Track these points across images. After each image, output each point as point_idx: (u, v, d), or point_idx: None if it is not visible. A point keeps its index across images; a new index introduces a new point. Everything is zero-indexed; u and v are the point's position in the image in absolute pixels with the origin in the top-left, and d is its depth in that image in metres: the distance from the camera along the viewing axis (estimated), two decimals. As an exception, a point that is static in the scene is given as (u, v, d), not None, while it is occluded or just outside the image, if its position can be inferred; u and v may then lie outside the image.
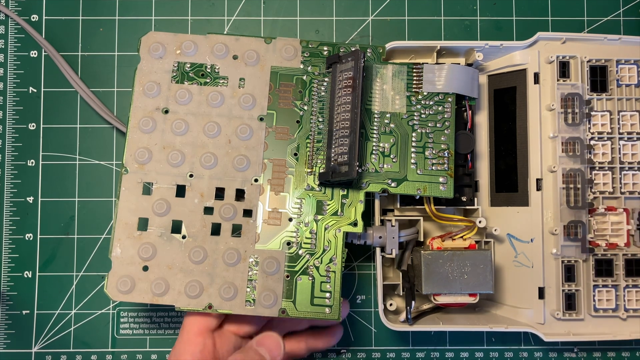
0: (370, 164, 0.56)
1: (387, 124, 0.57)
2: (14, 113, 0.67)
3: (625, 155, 0.58)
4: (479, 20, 0.68)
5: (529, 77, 0.60)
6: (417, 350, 0.66)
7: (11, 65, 0.67)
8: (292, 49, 0.58)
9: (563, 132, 0.58)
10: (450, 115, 0.57)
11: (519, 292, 0.60)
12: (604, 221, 0.58)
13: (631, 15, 0.68)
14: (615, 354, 0.66)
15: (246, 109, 0.57)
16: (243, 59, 0.57)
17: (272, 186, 0.56)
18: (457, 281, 0.56)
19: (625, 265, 0.58)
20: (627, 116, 0.59)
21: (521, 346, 0.66)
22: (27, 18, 0.68)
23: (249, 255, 0.55)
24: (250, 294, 0.54)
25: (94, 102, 0.65)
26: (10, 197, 0.67)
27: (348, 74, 0.54)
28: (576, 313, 0.58)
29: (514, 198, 0.60)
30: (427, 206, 0.59)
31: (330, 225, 0.55)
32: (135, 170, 0.55)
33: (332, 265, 0.55)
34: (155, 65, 0.57)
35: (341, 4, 0.68)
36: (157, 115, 0.56)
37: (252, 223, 0.55)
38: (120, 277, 0.54)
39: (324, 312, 0.54)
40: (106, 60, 0.68)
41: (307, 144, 0.56)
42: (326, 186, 0.56)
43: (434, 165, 0.56)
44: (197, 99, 0.57)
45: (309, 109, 0.57)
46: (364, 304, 0.67)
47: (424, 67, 0.58)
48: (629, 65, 0.59)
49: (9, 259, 0.66)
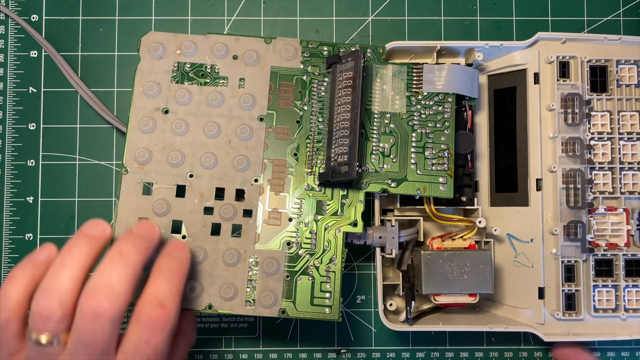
0: (370, 164, 0.56)
1: (387, 124, 0.57)
2: (14, 113, 0.67)
3: (625, 155, 0.58)
4: (479, 20, 0.68)
5: (529, 77, 0.60)
6: (417, 350, 0.66)
7: (11, 65, 0.67)
8: (292, 49, 0.58)
9: (563, 132, 0.58)
10: (450, 116, 0.57)
11: (518, 292, 0.60)
12: (603, 221, 0.58)
13: (631, 15, 0.68)
14: (615, 354, 0.66)
15: (246, 109, 0.57)
16: (243, 59, 0.57)
17: (272, 186, 0.56)
18: (457, 281, 0.56)
19: (625, 265, 0.58)
20: (627, 116, 0.59)
21: (521, 346, 0.66)
22: (27, 18, 0.68)
23: (249, 255, 0.55)
24: (250, 294, 0.54)
25: (94, 102, 0.65)
26: (10, 197, 0.67)
27: (348, 74, 0.54)
28: (576, 313, 0.58)
29: (514, 198, 0.60)
30: (427, 206, 0.59)
31: (330, 225, 0.56)
32: (135, 170, 0.55)
33: (332, 265, 0.55)
34: (155, 65, 0.57)
35: (341, 4, 0.68)
36: (157, 116, 0.56)
37: (252, 223, 0.55)
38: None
39: (324, 312, 0.54)
40: (106, 60, 0.68)
41: (307, 144, 0.57)
42: (326, 186, 0.56)
43: (433, 166, 0.56)
44: (197, 99, 0.57)
45: (308, 109, 0.57)
46: (364, 304, 0.67)
47: (424, 67, 0.58)
48: (629, 65, 0.59)
49: (9, 259, 0.66)
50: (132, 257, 0.48)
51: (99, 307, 0.45)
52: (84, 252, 0.49)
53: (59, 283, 0.46)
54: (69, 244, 0.49)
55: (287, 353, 0.66)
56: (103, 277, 0.46)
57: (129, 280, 0.47)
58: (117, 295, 0.45)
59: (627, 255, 0.58)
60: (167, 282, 0.49)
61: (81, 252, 0.49)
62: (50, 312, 0.45)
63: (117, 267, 0.47)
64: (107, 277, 0.46)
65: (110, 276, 0.46)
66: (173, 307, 0.48)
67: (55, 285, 0.46)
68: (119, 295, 0.46)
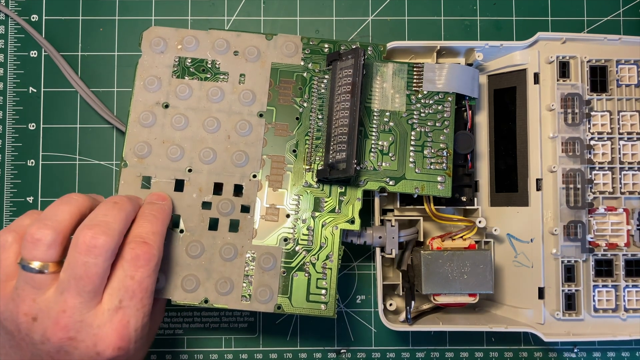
0: (368, 161, 0.56)
1: (386, 122, 0.57)
2: (14, 113, 0.67)
3: (625, 155, 0.58)
4: (479, 20, 0.68)
5: (529, 77, 0.60)
6: (417, 350, 0.66)
7: (11, 65, 0.68)
8: (293, 45, 0.58)
9: (563, 132, 0.58)
10: (450, 115, 0.57)
11: (518, 292, 0.60)
12: (603, 221, 0.58)
13: (631, 15, 0.68)
14: (615, 354, 0.66)
15: (246, 104, 0.57)
16: (244, 55, 0.57)
17: (270, 182, 0.56)
18: (457, 281, 0.56)
19: (625, 265, 0.58)
20: (627, 116, 0.59)
21: (521, 346, 0.66)
22: (27, 18, 0.68)
23: (245, 250, 0.55)
24: (247, 289, 0.54)
25: (94, 102, 0.65)
26: (10, 197, 0.67)
27: (348, 72, 0.54)
28: (576, 313, 0.58)
29: (514, 198, 0.60)
30: (427, 206, 0.59)
31: (328, 222, 0.55)
32: (134, 164, 0.55)
33: (328, 262, 0.55)
34: (156, 59, 0.57)
35: (341, 4, 0.68)
36: (157, 110, 0.56)
37: (249, 219, 0.55)
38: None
39: (320, 308, 0.54)
40: (106, 60, 0.68)
41: (306, 140, 0.57)
42: (324, 183, 0.56)
43: (432, 165, 0.56)
44: (198, 94, 0.57)
45: (308, 106, 0.57)
46: (364, 304, 0.66)
47: (425, 66, 0.58)
48: (629, 65, 0.59)
49: (8, 259, 0.66)
50: (125, 206, 0.51)
51: (95, 240, 0.46)
52: (86, 199, 0.51)
53: (55, 213, 0.48)
54: (73, 193, 0.52)
55: (287, 353, 0.66)
56: (98, 216, 0.48)
57: (122, 222, 0.49)
58: (112, 230, 0.47)
59: (627, 255, 0.58)
60: (149, 223, 0.51)
61: (83, 198, 0.51)
62: (41, 236, 0.46)
63: (112, 210, 0.49)
64: (102, 216, 0.48)
65: (106, 215, 0.48)
66: (155, 245, 0.50)
67: (51, 215, 0.48)
68: (114, 231, 0.47)
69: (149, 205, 0.53)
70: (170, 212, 0.54)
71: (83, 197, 0.51)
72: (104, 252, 0.46)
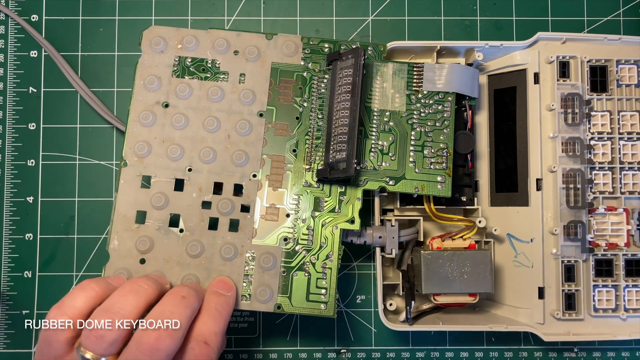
0: (368, 161, 0.56)
1: (386, 122, 0.57)
2: (14, 113, 0.67)
3: (625, 155, 0.58)
4: (479, 20, 0.68)
5: (529, 77, 0.60)
6: (417, 350, 0.66)
7: (11, 65, 0.68)
8: (293, 45, 0.58)
9: (563, 132, 0.58)
10: (450, 115, 0.57)
11: (518, 292, 0.60)
12: (603, 221, 0.58)
13: (631, 15, 0.68)
14: (615, 354, 0.66)
15: (246, 104, 0.57)
16: (244, 55, 0.58)
17: (270, 182, 0.56)
18: (457, 281, 0.56)
19: (625, 265, 0.58)
20: (627, 116, 0.59)
21: (521, 346, 0.66)
22: (27, 18, 0.68)
23: (245, 250, 0.55)
24: (246, 289, 0.54)
25: (94, 102, 0.65)
26: (10, 197, 0.67)
27: (348, 72, 0.54)
28: (576, 313, 0.58)
29: (514, 198, 0.60)
30: (427, 206, 0.59)
31: (328, 222, 0.55)
32: (134, 163, 0.55)
33: (328, 262, 0.55)
34: (156, 59, 0.57)
35: (341, 4, 0.68)
36: (157, 109, 0.56)
37: (249, 218, 0.55)
38: (118, 269, 0.54)
39: (319, 308, 0.54)
40: (106, 60, 0.68)
41: (306, 140, 0.57)
42: (324, 183, 0.56)
43: (432, 164, 0.56)
44: (198, 94, 0.57)
45: (308, 106, 0.57)
46: (364, 304, 0.66)
47: (425, 65, 0.58)
48: (629, 65, 0.59)
49: (8, 259, 0.66)
50: (191, 302, 0.49)
51: (159, 342, 0.45)
52: (152, 286, 0.50)
53: (122, 306, 0.47)
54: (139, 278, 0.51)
55: (287, 353, 0.66)
56: (165, 312, 0.47)
57: (188, 320, 0.48)
58: (177, 332, 0.46)
59: (627, 255, 0.58)
60: (214, 321, 0.50)
61: (149, 285, 0.49)
62: (106, 333, 0.45)
63: (178, 307, 0.48)
64: (169, 313, 0.47)
65: (173, 313, 0.47)
66: (216, 347, 0.49)
67: (118, 308, 0.47)
68: (179, 333, 0.47)
69: (214, 298, 0.52)
70: (234, 304, 0.53)
71: (151, 286, 0.50)
72: (166, 356, 0.45)
